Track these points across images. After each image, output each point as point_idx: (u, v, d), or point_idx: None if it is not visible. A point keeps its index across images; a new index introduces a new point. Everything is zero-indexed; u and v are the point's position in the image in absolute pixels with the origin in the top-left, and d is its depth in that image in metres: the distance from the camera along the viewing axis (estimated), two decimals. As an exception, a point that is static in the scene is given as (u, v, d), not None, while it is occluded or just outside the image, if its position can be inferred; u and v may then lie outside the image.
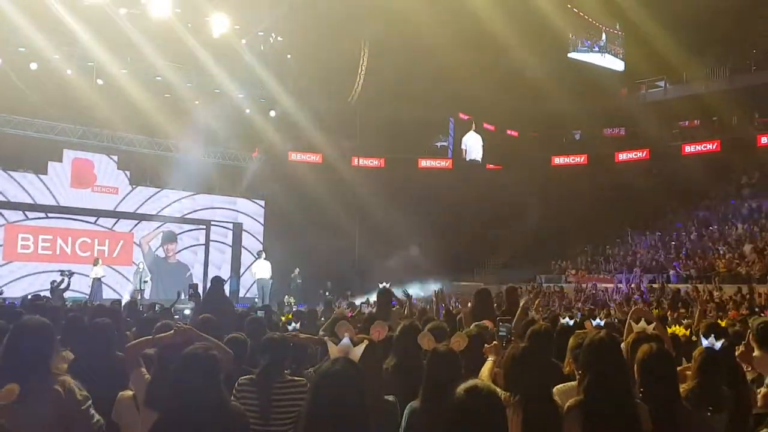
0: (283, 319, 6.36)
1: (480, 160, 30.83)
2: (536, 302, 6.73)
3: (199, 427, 2.88)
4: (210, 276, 12.93)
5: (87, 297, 17.56)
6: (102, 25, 19.97)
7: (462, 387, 2.49)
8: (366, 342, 2.92)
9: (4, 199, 20.18)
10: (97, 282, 18.85)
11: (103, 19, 19.89)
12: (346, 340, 2.79)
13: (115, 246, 22.22)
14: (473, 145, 30.76)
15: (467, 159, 30.55)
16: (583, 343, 3.37)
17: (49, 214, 21.10)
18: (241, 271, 24.30)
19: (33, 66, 20.48)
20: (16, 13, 18.66)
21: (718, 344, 3.86)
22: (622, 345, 3.81)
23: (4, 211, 20.29)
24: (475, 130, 30.70)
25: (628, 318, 4.69)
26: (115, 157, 22.39)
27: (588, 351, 3.25)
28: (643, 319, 4.52)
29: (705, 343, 3.90)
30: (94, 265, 19.18)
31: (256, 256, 22.50)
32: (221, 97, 24.42)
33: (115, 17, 20.12)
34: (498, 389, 2.70)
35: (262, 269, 21.11)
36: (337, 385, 2.55)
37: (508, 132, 31.75)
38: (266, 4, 23.16)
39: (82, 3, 19.52)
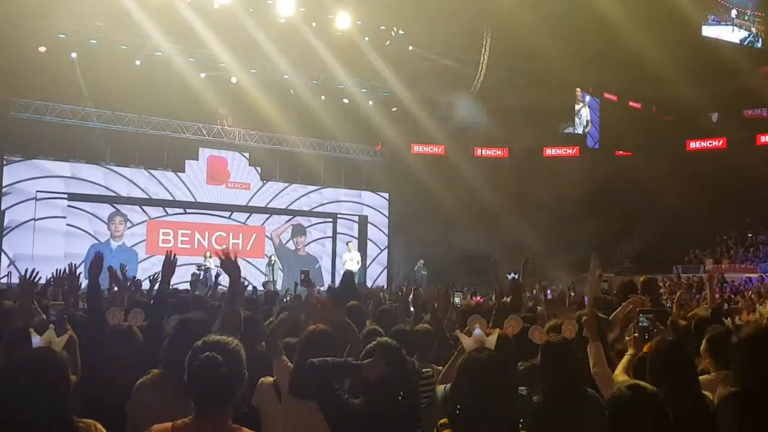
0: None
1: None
2: (678, 295, 6.33)
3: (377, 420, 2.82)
4: (337, 268, 13.16)
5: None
6: (230, 28, 20.79)
7: (624, 384, 2.52)
8: (498, 332, 2.87)
9: (146, 197, 21.51)
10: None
11: (231, 21, 20.70)
12: (478, 331, 2.76)
13: (249, 239, 23.17)
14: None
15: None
16: (741, 337, 3.29)
17: (187, 210, 22.31)
18: (368, 262, 24.64)
19: (167, 69, 21.60)
20: (149, 21, 19.74)
21: None
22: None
23: (146, 208, 21.64)
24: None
25: None
26: (247, 154, 23.33)
27: (746, 344, 3.19)
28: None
29: None
30: (230, 258, 19.97)
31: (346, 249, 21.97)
32: (344, 93, 24.86)
33: (242, 19, 20.87)
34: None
35: (351, 261, 20.79)
36: (484, 373, 2.54)
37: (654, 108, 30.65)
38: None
39: (211, 6, 20.39)
